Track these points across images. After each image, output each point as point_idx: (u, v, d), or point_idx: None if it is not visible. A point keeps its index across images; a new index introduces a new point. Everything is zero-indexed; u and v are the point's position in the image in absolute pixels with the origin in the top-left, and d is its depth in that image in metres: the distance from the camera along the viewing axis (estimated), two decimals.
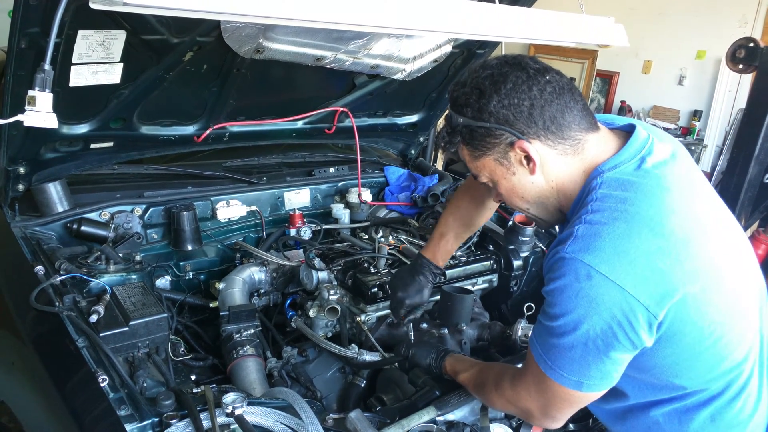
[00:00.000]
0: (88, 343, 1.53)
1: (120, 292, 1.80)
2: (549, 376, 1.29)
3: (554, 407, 1.35)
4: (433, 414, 1.53)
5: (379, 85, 2.65)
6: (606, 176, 1.29)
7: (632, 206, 1.24)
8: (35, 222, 2.15)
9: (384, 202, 2.93)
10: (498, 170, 1.36)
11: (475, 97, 1.30)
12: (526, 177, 1.34)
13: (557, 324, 1.24)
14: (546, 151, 1.31)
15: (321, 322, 2.10)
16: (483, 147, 1.34)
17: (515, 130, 1.29)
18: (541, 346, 1.30)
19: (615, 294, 1.17)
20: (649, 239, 1.20)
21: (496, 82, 1.28)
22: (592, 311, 1.19)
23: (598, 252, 1.19)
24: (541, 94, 1.28)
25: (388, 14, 1.70)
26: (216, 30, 1.94)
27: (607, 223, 1.22)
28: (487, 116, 1.29)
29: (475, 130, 1.32)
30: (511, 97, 1.27)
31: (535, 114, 1.28)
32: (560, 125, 1.29)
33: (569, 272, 1.21)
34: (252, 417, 1.35)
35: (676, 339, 1.23)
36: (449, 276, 2.25)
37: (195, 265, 2.39)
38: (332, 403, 2.00)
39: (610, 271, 1.17)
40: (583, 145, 1.32)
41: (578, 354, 1.23)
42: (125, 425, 1.30)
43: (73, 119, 2.08)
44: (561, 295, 1.22)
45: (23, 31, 1.57)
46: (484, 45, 2.61)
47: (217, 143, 2.58)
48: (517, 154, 1.31)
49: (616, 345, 1.21)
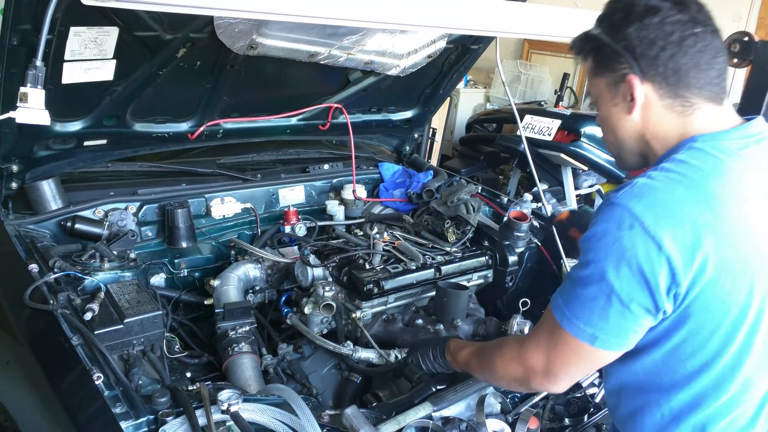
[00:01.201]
0: (82, 341, 1.53)
1: (114, 289, 1.79)
2: (564, 327, 1.26)
3: (560, 362, 1.30)
4: (429, 410, 1.53)
5: (373, 81, 2.65)
6: (696, 145, 1.25)
7: (701, 178, 1.21)
8: (29, 220, 2.14)
9: (379, 199, 2.93)
10: (604, 95, 1.34)
11: (620, 16, 1.27)
12: (623, 114, 1.31)
13: (586, 272, 1.22)
14: (653, 99, 1.27)
15: (316, 318, 2.10)
16: (603, 67, 1.31)
17: (636, 64, 1.25)
18: (562, 297, 1.28)
19: (652, 250, 1.15)
20: (701, 212, 1.17)
21: (647, 11, 1.23)
22: (624, 261, 1.17)
23: (649, 206, 1.17)
24: (680, 42, 1.22)
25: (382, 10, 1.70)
26: (209, 26, 1.93)
27: (668, 184, 1.20)
28: (620, 38, 1.26)
29: (603, 47, 1.29)
30: (649, 31, 1.23)
31: (661, 58, 1.23)
32: (680, 80, 1.24)
33: (612, 219, 1.19)
34: (248, 414, 1.35)
35: (691, 320, 1.21)
36: (445, 272, 2.25)
37: (190, 262, 2.39)
38: (328, 399, 1.99)
39: (653, 226, 1.15)
40: (694, 111, 1.27)
41: (600, 305, 1.21)
42: (120, 423, 1.30)
43: (66, 116, 2.07)
44: (598, 241, 1.20)
45: (15, 27, 1.56)
46: (478, 40, 2.61)
47: (210, 140, 2.57)
48: (626, 87, 1.28)
49: (641, 301, 1.18)
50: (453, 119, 6.91)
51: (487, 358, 1.49)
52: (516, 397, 1.73)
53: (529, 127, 5.09)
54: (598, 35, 1.30)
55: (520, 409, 1.65)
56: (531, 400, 1.72)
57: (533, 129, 5.07)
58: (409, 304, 2.17)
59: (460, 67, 2.80)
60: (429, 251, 2.32)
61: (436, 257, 2.29)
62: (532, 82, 6.91)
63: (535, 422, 1.58)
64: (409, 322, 2.11)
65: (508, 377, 1.43)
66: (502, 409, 1.65)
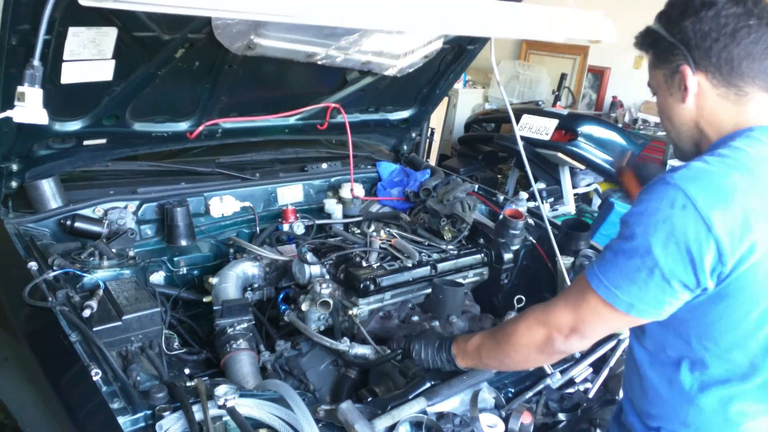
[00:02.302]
0: (81, 337, 1.55)
1: (113, 287, 1.81)
2: (599, 294, 1.29)
3: (590, 324, 1.35)
4: (424, 405, 1.55)
5: (370, 81, 2.66)
6: (753, 134, 1.28)
7: (755, 166, 1.24)
8: (29, 218, 2.16)
9: (376, 197, 2.95)
10: (662, 86, 1.39)
11: (678, 11, 1.32)
12: (678, 102, 1.36)
13: (631, 244, 1.24)
14: (707, 88, 1.31)
15: (313, 315, 2.12)
16: (661, 59, 1.37)
17: (690, 55, 1.30)
18: (600, 266, 1.31)
19: (701, 231, 1.18)
20: (753, 198, 1.21)
21: (704, 5, 1.28)
22: (673, 239, 1.19)
23: (703, 188, 1.20)
24: (733, 33, 1.26)
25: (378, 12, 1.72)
26: (207, 27, 1.95)
27: (723, 168, 1.23)
28: (676, 32, 1.31)
29: (661, 40, 1.34)
30: (704, 24, 1.27)
31: (714, 49, 1.27)
32: (733, 69, 1.28)
33: (666, 197, 1.21)
34: (244, 409, 1.37)
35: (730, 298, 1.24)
36: (440, 269, 2.27)
37: (188, 260, 2.40)
38: (325, 395, 2.01)
39: (705, 208, 1.18)
40: (748, 100, 1.30)
41: (641, 277, 1.24)
42: (118, 418, 1.32)
43: (65, 116, 2.09)
44: (649, 216, 1.22)
45: (14, 28, 1.58)
46: (474, 40, 2.63)
47: (209, 139, 2.59)
48: (680, 78, 1.33)
49: (682, 275, 1.21)
50: (452, 119, 6.93)
51: (507, 331, 1.51)
52: (510, 392, 1.75)
53: (526, 126, 5.10)
54: (657, 30, 1.36)
55: (513, 404, 1.66)
56: (525, 395, 1.74)
57: (531, 129, 5.08)
58: (405, 301, 2.19)
59: (457, 67, 2.82)
60: (425, 249, 2.33)
61: (432, 255, 2.31)
62: (530, 82, 6.93)
63: (528, 417, 1.60)
64: (405, 319, 2.13)
65: (530, 343, 1.45)
66: (496, 404, 1.66)
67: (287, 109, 2.66)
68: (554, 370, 1.82)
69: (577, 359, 1.92)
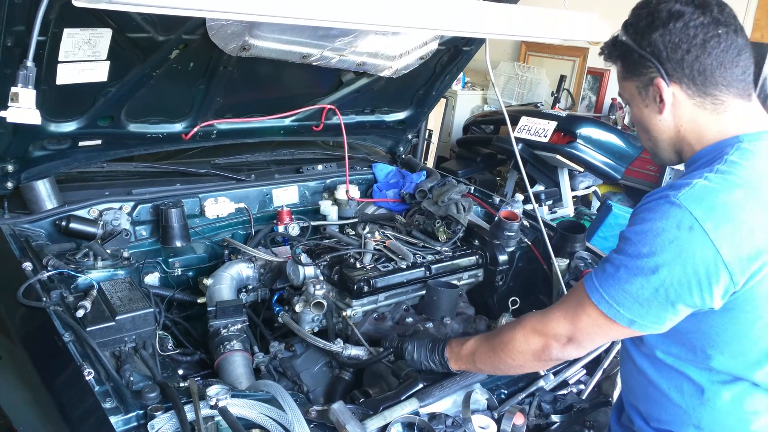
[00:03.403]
0: (74, 337, 1.55)
1: (107, 287, 1.81)
2: (600, 308, 1.30)
3: (589, 335, 1.37)
4: (416, 406, 1.55)
5: (366, 82, 2.67)
6: (743, 146, 1.28)
7: (757, 181, 1.25)
8: (24, 219, 2.16)
9: (372, 199, 2.95)
10: (635, 98, 1.39)
11: (645, 23, 1.32)
12: (654, 114, 1.36)
13: (636, 263, 1.25)
14: (683, 99, 1.32)
15: (307, 316, 2.12)
16: (632, 71, 1.37)
17: (662, 68, 1.30)
18: (600, 280, 1.31)
19: (708, 253, 1.19)
20: (759, 214, 1.22)
21: (671, 16, 1.29)
22: (679, 261, 1.20)
23: (709, 209, 1.20)
24: (704, 44, 1.27)
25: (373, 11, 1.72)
26: (202, 28, 1.95)
27: (726, 187, 1.23)
28: (645, 44, 1.31)
29: (631, 52, 1.34)
30: (674, 36, 1.28)
31: (687, 60, 1.28)
32: (707, 79, 1.29)
33: (672, 218, 1.21)
34: (236, 409, 1.37)
35: (734, 312, 1.25)
36: (435, 271, 2.27)
37: (183, 261, 2.40)
38: (319, 396, 2.01)
39: (713, 230, 1.18)
40: (725, 107, 1.32)
41: (645, 296, 1.24)
42: (110, 417, 1.32)
43: (60, 117, 2.10)
44: (654, 237, 1.22)
45: (9, 29, 1.58)
46: (470, 42, 2.63)
47: (205, 141, 2.59)
48: (654, 90, 1.33)
49: (687, 299, 1.23)
50: (450, 121, 6.93)
51: (503, 338, 1.53)
52: (502, 394, 1.75)
53: (525, 128, 5.10)
54: (625, 41, 1.35)
55: (506, 406, 1.67)
56: (517, 397, 1.74)
57: (529, 131, 5.08)
58: (399, 303, 2.19)
59: (453, 68, 2.82)
60: (420, 250, 2.34)
61: (426, 256, 2.31)
62: (529, 84, 6.93)
63: (521, 418, 1.60)
64: (399, 321, 2.13)
65: (526, 351, 1.47)
66: (489, 405, 1.67)
67: (282, 111, 2.66)
68: (547, 372, 1.82)
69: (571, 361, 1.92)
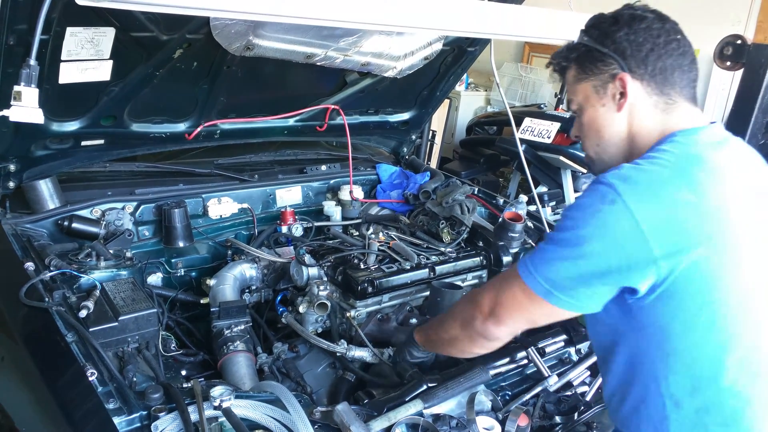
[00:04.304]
0: (77, 338, 1.54)
1: (110, 287, 1.81)
2: (522, 277, 1.33)
3: (507, 309, 1.39)
4: (420, 407, 1.54)
5: (370, 82, 2.66)
6: (675, 138, 1.33)
7: (684, 164, 1.28)
8: (26, 219, 2.16)
9: (375, 200, 2.95)
10: (591, 97, 1.41)
11: (608, 24, 1.37)
12: (611, 113, 1.39)
13: (562, 236, 1.29)
14: (641, 96, 1.36)
15: (311, 317, 2.11)
16: (590, 70, 1.40)
17: (626, 63, 1.35)
18: (530, 254, 1.36)
19: (629, 227, 1.20)
20: (683, 191, 1.24)
21: (634, 18, 1.36)
22: (600, 234, 1.23)
23: (632, 184, 1.24)
24: (666, 45, 1.34)
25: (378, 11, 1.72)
26: (205, 27, 1.95)
27: (653, 167, 1.27)
28: (609, 42, 1.36)
29: (593, 51, 1.38)
30: (638, 34, 1.34)
31: (650, 58, 1.34)
32: (666, 79, 1.35)
33: (597, 193, 1.25)
34: (239, 410, 1.36)
35: (676, 299, 1.25)
36: (439, 272, 2.26)
37: (186, 261, 2.40)
38: (323, 398, 2.00)
39: (634, 204, 1.21)
40: (675, 108, 1.37)
41: (565, 267, 1.27)
42: (113, 418, 1.31)
43: (63, 116, 2.09)
44: (579, 211, 1.27)
45: (11, 27, 1.58)
46: (474, 42, 2.63)
47: (208, 141, 2.59)
48: (616, 87, 1.36)
49: (606, 274, 1.24)
50: (453, 122, 6.92)
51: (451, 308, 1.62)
52: (507, 395, 1.74)
53: (528, 129, 5.10)
54: (585, 42, 1.40)
55: (510, 407, 1.65)
56: (522, 398, 1.73)
57: (533, 132, 5.08)
58: (403, 304, 2.18)
59: (457, 69, 2.81)
60: (424, 251, 2.33)
61: (430, 257, 2.30)
62: (533, 85, 6.93)
63: (525, 419, 1.59)
64: (403, 322, 2.11)
65: (458, 318, 1.53)
66: (493, 407, 1.65)
67: (286, 111, 2.66)
68: (551, 373, 1.81)
69: (575, 362, 1.92)
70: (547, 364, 1.80)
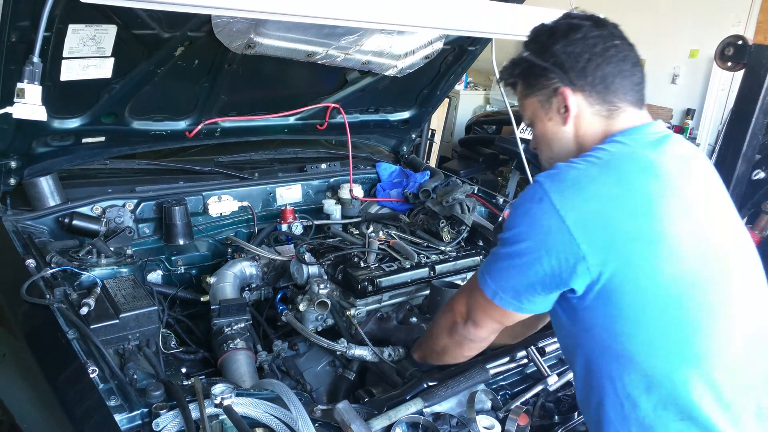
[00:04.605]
0: (78, 335, 1.54)
1: (111, 285, 1.81)
2: (478, 282, 1.39)
3: (477, 313, 1.45)
4: (420, 405, 1.54)
5: (370, 81, 2.66)
6: (614, 138, 1.36)
7: (614, 161, 1.30)
8: (27, 216, 2.16)
9: (375, 198, 2.95)
10: (538, 112, 1.43)
11: (546, 36, 1.38)
12: (559, 126, 1.41)
13: (502, 236, 1.34)
14: (584, 107, 1.37)
15: (311, 316, 2.11)
16: (534, 86, 1.41)
17: (566, 77, 1.35)
18: (486, 258, 1.42)
19: (554, 223, 1.23)
20: (611, 186, 1.26)
21: (570, 28, 1.36)
22: (531, 232, 1.27)
23: (559, 182, 1.27)
24: (603, 53, 1.34)
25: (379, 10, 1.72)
26: (207, 25, 1.95)
27: (583, 166, 1.30)
28: (548, 56, 1.37)
29: (534, 66, 1.39)
30: (575, 46, 1.34)
31: (589, 68, 1.34)
32: (607, 87, 1.35)
33: (528, 192, 1.30)
34: (240, 408, 1.37)
35: (615, 297, 1.24)
36: (439, 271, 2.26)
37: (186, 259, 2.40)
38: (322, 396, 2.00)
39: (559, 201, 1.24)
40: (619, 114, 1.38)
41: (504, 266, 1.33)
42: (114, 415, 1.31)
43: (64, 113, 2.09)
44: (514, 211, 1.32)
45: (14, 24, 1.58)
46: (475, 41, 2.63)
47: (208, 138, 2.59)
48: (559, 101, 1.38)
49: (538, 270, 1.27)
50: (452, 121, 6.93)
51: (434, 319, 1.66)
52: (507, 394, 1.74)
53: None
54: (526, 57, 1.41)
55: (510, 406, 1.65)
56: (522, 397, 1.73)
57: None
58: (403, 303, 2.18)
59: (458, 68, 2.81)
60: (424, 250, 2.33)
61: (430, 256, 2.30)
62: None
63: (525, 419, 1.59)
64: (403, 320, 2.12)
65: (444, 326, 1.58)
66: (493, 406, 1.66)
67: (286, 109, 2.66)
68: (551, 373, 1.82)
69: None
70: (546, 363, 1.80)
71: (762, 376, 1.36)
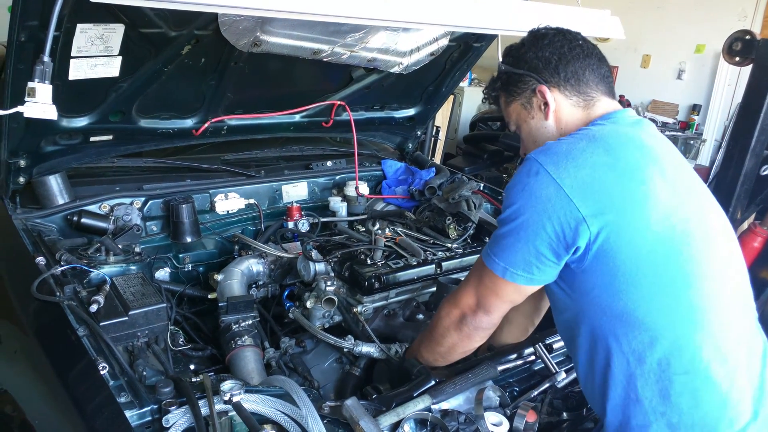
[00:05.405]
0: (88, 332, 1.55)
1: (120, 282, 1.82)
2: (486, 264, 1.46)
3: (489, 298, 1.51)
4: (428, 402, 1.55)
5: (376, 78, 2.67)
6: (597, 121, 1.49)
7: (600, 136, 1.42)
8: (36, 214, 2.17)
9: (381, 195, 2.95)
10: (522, 114, 1.57)
11: (517, 48, 1.56)
12: (541, 121, 1.54)
13: (503, 215, 1.42)
14: (562, 100, 1.51)
15: (318, 312, 2.12)
16: (514, 92, 1.56)
17: (540, 77, 1.50)
18: (489, 241, 1.49)
19: (553, 191, 1.32)
20: (600, 155, 1.37)
21: (537, 37, 1.54)
22: (531, 204, 1.35)
23: (552, 155, 1.37)
24: (570, 51, 1.50)
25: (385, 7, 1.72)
26: (214, 23, 1.95)
27: (571, 140, 1.42)
28: (522, 64, 1.53)
29: (512, 75, 1.55)
30: (544, 50, 1.51)
31: (560, 66, 1.50)
32: (579, 80, 1.50)
33: (523, 169, 1.39)
34: (249, 404, 1.37)
35: (611, 255, 1.32)
36: (446, 268, 2.27)
37: (194, 257, 2.42)
38: (330, 392, 2.01)
39: (555, 171, 1.33)
40: (595, 103, 1.52)
41: (510, 241, 1.40)
42: (125, 411, 1.32)
43: (72, 112, 2.10)
44: (512, 189, 1.40)
45: (23, 24, 1.58)
46: (481, 38, 2.63)
47: (215, 136, 2.60)
48: (538, 99, 1.52)
49: (544, 237, 1.34)
50: (457, 117, 6.92)
51: (433, 321, 1.69)
52: (515, 391, 1.75)
53: None
54: (504, 70, 1.58)
55: (518, 403, 1.66)
56: (530, 394, 1.74)
57: None
58: (410, 300, 2.19)
59: (463, 65, 2.81)
60: (430, 247, 2.34)
61: (437, 253, 2.31)
62: None
63: (533, 415, 1.60)
64: (410, 317, 2.13)
65: (449, 325, 1.62)
66: (501, 403, 1.66)
67: (292, 107, 2.66)
68: (559, 369, 1.82)
69: None
70: (554, 360, 1.80)
71: (749, 330, 1.46)
